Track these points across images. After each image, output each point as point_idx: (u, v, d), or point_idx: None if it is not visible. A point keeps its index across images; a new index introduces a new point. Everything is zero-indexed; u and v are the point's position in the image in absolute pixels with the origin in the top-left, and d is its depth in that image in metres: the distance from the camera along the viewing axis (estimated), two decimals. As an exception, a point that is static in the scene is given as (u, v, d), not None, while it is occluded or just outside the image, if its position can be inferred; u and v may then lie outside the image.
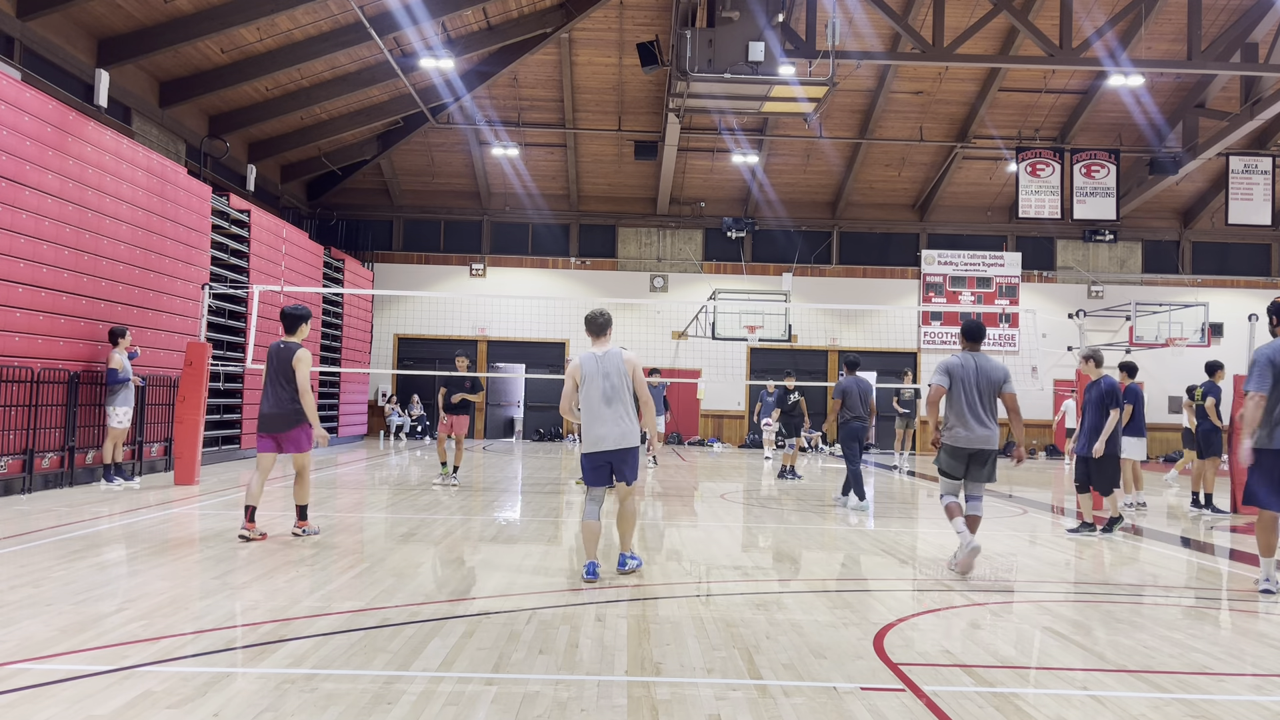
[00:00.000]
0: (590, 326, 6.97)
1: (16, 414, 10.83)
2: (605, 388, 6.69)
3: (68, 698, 4.00)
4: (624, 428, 6.70)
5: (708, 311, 22.34)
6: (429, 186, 26.98)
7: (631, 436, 6.74)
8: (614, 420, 6.68)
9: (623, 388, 6.73)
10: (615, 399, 6.69)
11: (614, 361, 6.75)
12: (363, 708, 3.98)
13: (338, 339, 22.87)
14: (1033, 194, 23.17)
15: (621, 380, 6.73)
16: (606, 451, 6.72)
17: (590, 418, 6.74)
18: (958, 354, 7.72)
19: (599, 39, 21.66)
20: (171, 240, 14.66)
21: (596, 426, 6.71)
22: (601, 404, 6.69)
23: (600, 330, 6.93)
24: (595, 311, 7.00)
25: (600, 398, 6.69)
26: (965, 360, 7.62)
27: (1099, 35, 18.08)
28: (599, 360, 6.76)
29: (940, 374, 7.61)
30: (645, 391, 6.87)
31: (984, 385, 7.54)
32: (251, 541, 7.97)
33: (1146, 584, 7.50)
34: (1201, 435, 12.59)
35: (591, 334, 6.96)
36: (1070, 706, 4.29)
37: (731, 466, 18.90)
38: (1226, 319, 25.47)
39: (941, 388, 7.57)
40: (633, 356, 6.85)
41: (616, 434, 6.69)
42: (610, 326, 6.96)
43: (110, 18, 15.65)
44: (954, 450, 7.58)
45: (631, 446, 6.76)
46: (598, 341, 6.93)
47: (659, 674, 4.59)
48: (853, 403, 11.94)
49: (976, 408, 7.51)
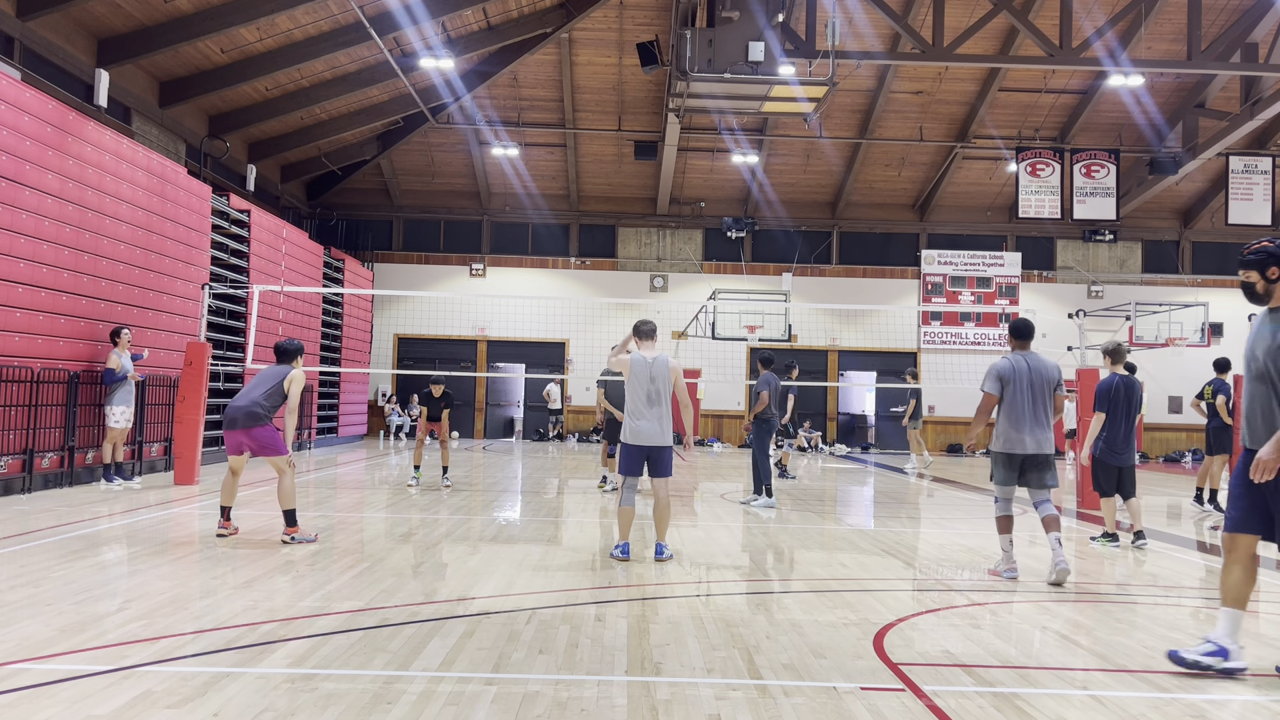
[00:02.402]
0: (639, 331, 7.89)
1: (16, 414, 10.83)
2: (650, 390, 7.60)
3: (67, 698, 4.00)
4: (661, 427, 7.62)
5: (708, 311, 22.34)
6: (429, 186, 26.98)
7: (666, 437, 7.65)
8: (655, 419, 7.60)
9: (665, 393, 7.64)
10: (656, 402, 7.60)
11: (661, 368, 7.66)
12: (363, 708, 3.98)
13: (338, 339, 22.87)
14: (1033, 194, 23.17)
15: (665, 386, 7.65)
16: (645, 446, 7.60)
17: (633, 414, 7.63)
18: (1007, 355, 7.39)
19: (599, 39, 21.66)
20: (171, 240, 14.66)
21: (638, 422, 7.60)
22: (644, 404, 7.60)
23: (648, 335, 7.87)
24: (645, 320, 7.95)
25: (644, 398, 7.60)
26: (1017, 362, 7.25)
27: (1099, 35, 18.08)
28: (649, 365, 7.67)
29: (992, 380, 7.27)
30: (685, 395, 7.78)
31: (1038, 386, 7.21)
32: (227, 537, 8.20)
33: (1146, 584, 7.50)
34: (1211, 432, 12.57)
35: (640, 338, 7.90)
36: (1070, 706, 4.29)
37: (731, 466, 18.90)
38: (1226, 319, 25.48)
39: (993, 396, 7.25)
40: (676, 364, 7.71)
41: (655, 431, 7.60)
42: (657, 333, 7.90)
43: (110, 18, 15.65)
44: (1009, 458, 7.25)
45: (665, 445, 7.65)
46: (645, 345, 7.87)
47: (659, 674, 4.59)
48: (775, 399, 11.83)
49: (1033, 410, 7.17)
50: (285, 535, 8.07)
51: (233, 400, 8.35)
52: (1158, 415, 26.74)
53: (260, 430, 8.11)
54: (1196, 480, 13.12)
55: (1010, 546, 7.36)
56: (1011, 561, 7.36)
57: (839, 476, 17.51)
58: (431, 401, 13.18)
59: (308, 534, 8.21)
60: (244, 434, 8.14)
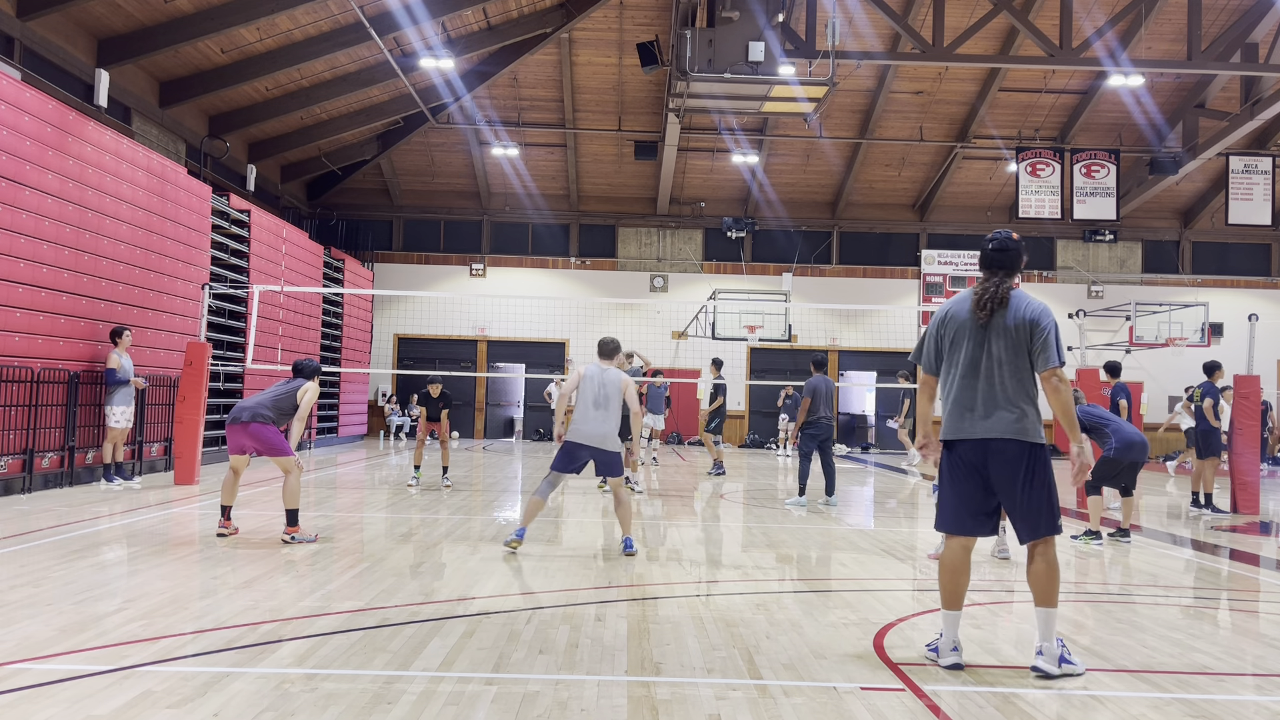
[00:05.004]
0: (600, 349, 8.10)
1: (16, 414, 10.83)
2: (599, 395, 7.76)
3: (67, 698, 4.00)
4: (604, 429, 7.69)
5: (708, 311, 22.34)
6: (429, 186, 26.98)
7: (610, 441, 7.71)
8: (597, 421, 7.70)
9: (613, 399, 7.76)
10: (603, 406, 7.73)
11: (613, 376, 7.87)
12: (363, 707, 3.98)
13: (338, 339, 22.87)
14: (1033, 194, 23.16)
15: (615, 392, 7.78)
16: (583, 445, 7.70)
17: (579, 415, 7.78)
18: None
19: (599, 39, 21.66)
20: (171, 240, 14.66)
21: (581, 423, 7.74)
22: (591, 406, 7.75)
23: (608, 355, 8.07)
24: (606, 338, 8.18)
25: (592, 401, 7.76)
26: None
27: (1099, 35, 18.08)
28: (602, 373, 7.88)
29: None
30: (635, 404, 7.90)
31: None
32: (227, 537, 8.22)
33: (1146, 584, 7.50)
34: (1199, 435, 12.59)
35: (600, 355, 8.09)
36: (1070, 706, 4.29)
37: (731, 466, 18.90)
38: (1226, 319, 25.47)
39: None
40: (630, 381, 7.90)
41: (597, 433, 7.69)
42: (619, 353, 8.08)
43: (110, 18, 15.65)
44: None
45: (609, 449, 7.72)
46: (604, 362, 8.06)
47: (659, 674, 4.59)
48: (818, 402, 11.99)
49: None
50: (286, 535, 8.08)
51: (240, 400, 8.41)
52: (1158, 415, 26.74)
53: (264, 431, 8.14)
54: (1191, 484, 13.15)
55: None
56: None
57: (839, 476, 17.51)
58: (430, 401, 13.19)
59: (308, 534, 8.20)
60: (248, 434, 8.16)
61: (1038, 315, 4.74)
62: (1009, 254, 4.85)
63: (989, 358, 4.76)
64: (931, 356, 4.98)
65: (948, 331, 4.90)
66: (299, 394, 8.40)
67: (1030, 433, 4.72)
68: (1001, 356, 4.74)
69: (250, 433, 8.15)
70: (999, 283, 4.80)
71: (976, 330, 4.79)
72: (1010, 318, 4.74)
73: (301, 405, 8.37)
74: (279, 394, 8.39)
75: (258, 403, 8.28)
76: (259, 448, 8.20)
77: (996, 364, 4.74)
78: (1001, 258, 4.85)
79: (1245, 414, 12.58)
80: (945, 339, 4.91)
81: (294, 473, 8.23)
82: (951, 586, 4.84)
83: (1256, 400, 12.72)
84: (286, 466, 8.23)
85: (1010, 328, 4.73)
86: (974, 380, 4.78)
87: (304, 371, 8.60)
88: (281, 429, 8.33)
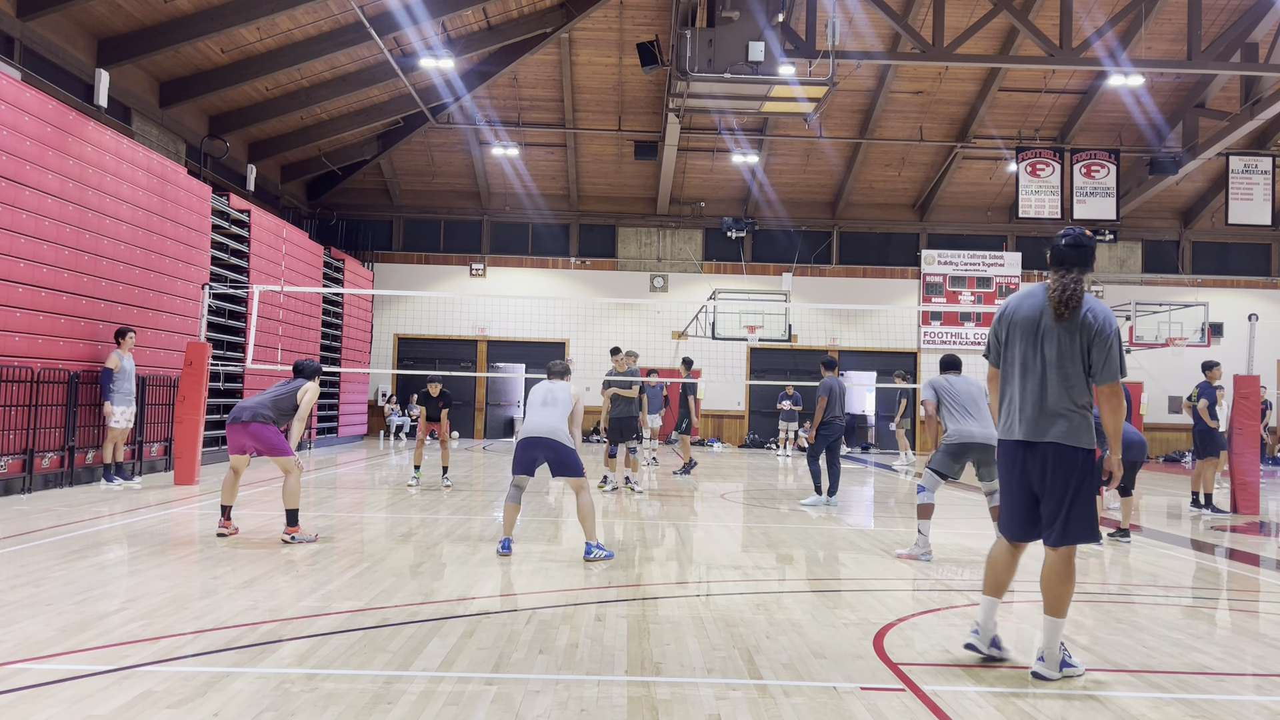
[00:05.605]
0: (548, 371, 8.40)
1: (16, 414, 10.83)
2: (546, 397, 8.06)
3: (67, 697, 4.00)
4: (550, 424, 7.81)
5: (708, 311, 22.34)
6: (429, 186, 26.98)
7: (558, 434, 7.79)
8: (543, 416, 7.86)
9: (561, 402, 8.00)
10: (550, 405, 7.98)
11: (562, 385, 8.21)
12: (363, 707, 3.98)
13: (338, 339, 22.86)
14: (1033, 194, 23.16)
15: (563, 395, 8.05)
16: (533, 438, 7.78)
17: (527, 415, 7.99)
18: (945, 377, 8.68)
19: (599, 39, 21.66)
20: (171, 240, 14.66)
21: (529, 421, 7.91)
22: (539, 405, 8.01)
23: (559, 375, 8.37)
24: (554, 360, 8.54)
25: (540, 401, 8.03)
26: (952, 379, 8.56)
27: (1099, 35, 18.08)
28: (550, 383, 8.23)
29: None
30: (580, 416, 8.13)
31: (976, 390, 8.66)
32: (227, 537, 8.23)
33: (1146, 584, 7.50)
34: (1197, 436, 12.59)
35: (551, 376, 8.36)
36: (1070, 706, 4.29)
37: (731, 466, 18.90)
38: (1226, 319, 25.49)
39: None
40: (579, 393, 8.21)
41: (543, 426, 7.78)
42: (568, 375, 8.39)
43: (110, 18, 15.65)
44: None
45: (559, 442, 7.77)
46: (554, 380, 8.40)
47: (659, 674, 4.59)
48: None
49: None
50: (286, 535, 8.08)
51: (241, 400, 8.42)
52: (1158, 415, 26.75)
53: (265, 431, 8.14)
54: (1190, 484, 13.15)
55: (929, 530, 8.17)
56: (927, 546, 8.12)
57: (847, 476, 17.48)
58: (430, 401, 13.19)
59: (308, 534, 8.20)
60: (248, 433, 8.16)
61: (1102, 323, 4.56)
62: (1083, 250, 4.68)
63: (1041, 359, 4.64)
64: (996, 351, 4.90)
65: (1002, 328, 4.83)
66: (299, 394, 8.42)
67: (1073, 437, 4.58)
68: (1052, 359, 4.61)
69: (250, 432, 8.15)
70: (1076, 280, 4.62)
71: (1031, 330, 4.68)
72: (1071, 321, 4.60)
73: (302, 405, 8.39)
74: (279, 394, 8.40)
75: (258, 403, 8.28)
76: (259, 448, 8.20)
77: (1048, 366, 4.62)
78: (1076, 254, 4.67)
79: (1245, 414, 12.58)
80: (1002, 335, 4.82)
81: (294, 473, 8.22)
82: (992, 576, 4.90)
83: (1256, 400, 12.72)
84: (287, 466, 8.22)
85: (1069, 331, 4.59)
86: (1024, 380, 4.69)
87: (304, 372, 8.62)
88: (282, 429, 8.34)
